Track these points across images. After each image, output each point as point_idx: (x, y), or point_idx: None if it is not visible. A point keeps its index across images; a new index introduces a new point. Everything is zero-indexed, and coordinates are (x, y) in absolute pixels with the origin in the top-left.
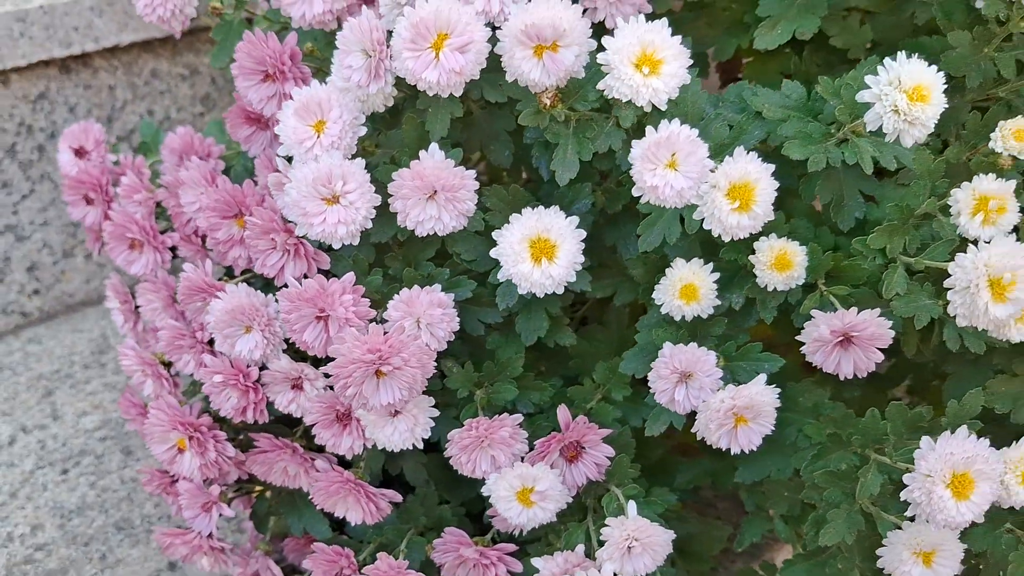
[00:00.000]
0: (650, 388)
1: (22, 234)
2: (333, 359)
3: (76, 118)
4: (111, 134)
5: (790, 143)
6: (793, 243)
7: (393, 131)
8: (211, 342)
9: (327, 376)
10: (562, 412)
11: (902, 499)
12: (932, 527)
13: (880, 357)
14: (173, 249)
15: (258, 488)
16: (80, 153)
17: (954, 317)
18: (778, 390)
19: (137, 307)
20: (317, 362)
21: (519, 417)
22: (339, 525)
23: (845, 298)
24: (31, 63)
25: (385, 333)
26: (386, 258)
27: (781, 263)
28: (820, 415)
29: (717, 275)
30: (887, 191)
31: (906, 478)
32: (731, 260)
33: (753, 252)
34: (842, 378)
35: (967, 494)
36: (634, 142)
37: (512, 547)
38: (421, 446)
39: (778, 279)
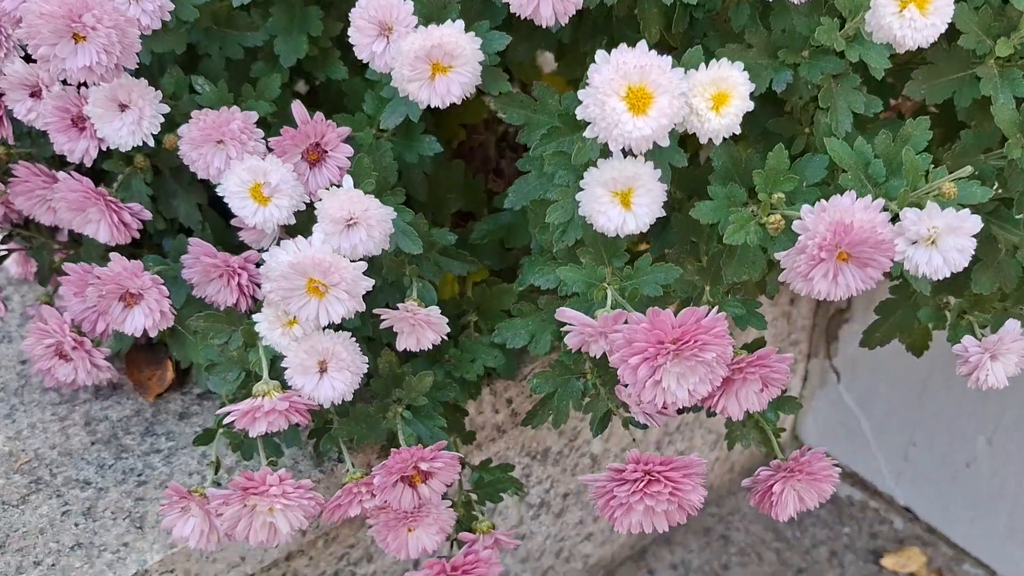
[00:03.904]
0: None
1: None
2: None
3: None
4: None
5: None
6: None
7: None
8: None
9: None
10: (297, 108)
11: (578, 118)
12: (612, 146)
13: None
14: None
15: (54, 247)
16: None
17: None
18: (479, 39)
19: None
20: None
21: (253, 114)
22: None
23: None
24: None
25: None
26: None
27: None
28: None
29: None
30: None
31: (581, 94)
32: None
33: None
34: (543, 24)
35: (645, 108)
36: None
37: (255, 255)
38: (152, 143)
39: None
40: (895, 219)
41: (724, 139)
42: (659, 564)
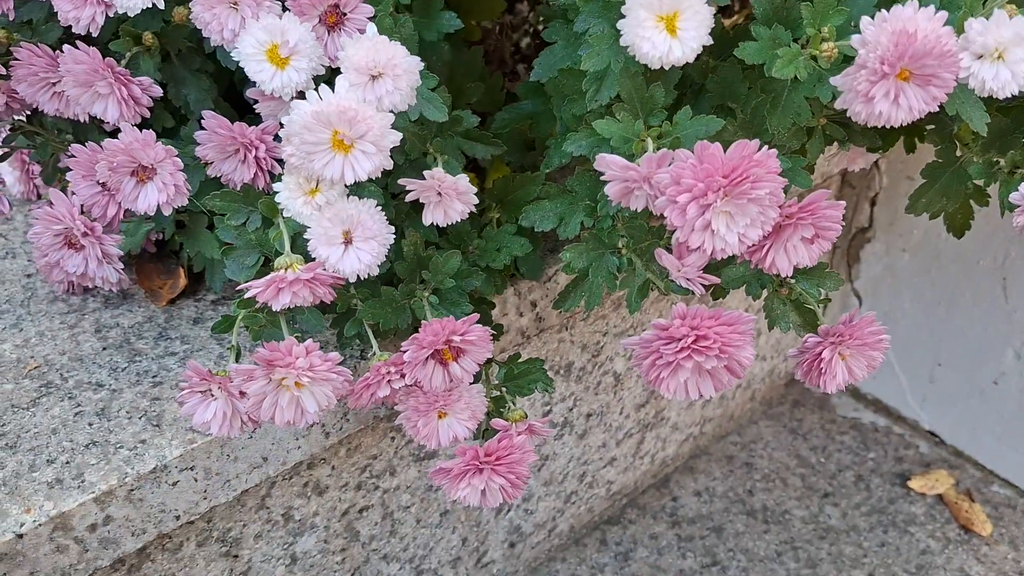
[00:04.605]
0: None
1: None
2: None
3: None
4: None
5: None
6: None
7: None
8: None
9: None
10: None
11: None
12: None
13: None
14: None
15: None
16: None
17: None
18: None
19: None
20: None
21: None
22: None
23: None
24: None
25: None
26: None
27: None
28: None
29: None
30: None
31: None
32: None
33: None
34: None
35: None
36: None
37: (273, 126)
38: (161, 4)
39: None
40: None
41: None
42: (683, 491)
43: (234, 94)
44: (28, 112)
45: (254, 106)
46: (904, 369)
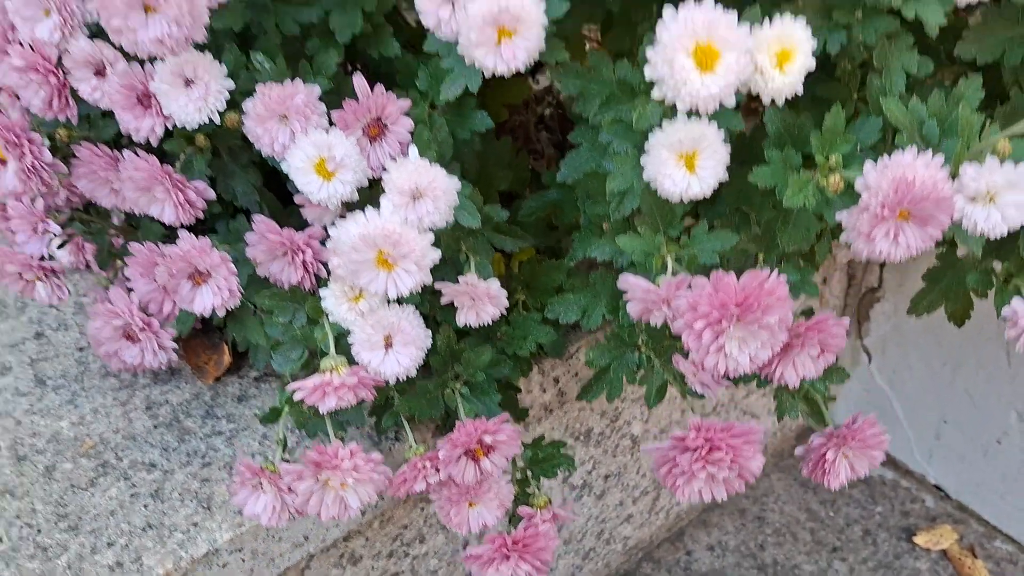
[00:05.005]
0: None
1: None
2: None
3: None
4: None
5: None
6: None
7: None
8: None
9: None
10: (358, 80)
11: (647, 79)
12: (679, 106)
13: None
14: None
15: (110, 231)
16: None
17: None
18: (543, 3)
19: None
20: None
21: (316, 88)
22: None
23: None
24: None
25: None
26: None
27: None
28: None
29: None
30: None
31: (648, 52)
32: None
33: None
34: None
35: (712, 66)
36: None
37: (319, 232)
38: (217, 119)
39: None
40: (953, 178)
41: (776, 104)
42: (696, 545)
43: (277, 179)
44: (84, 204)
45: (300, 209)
46: (911, 425)
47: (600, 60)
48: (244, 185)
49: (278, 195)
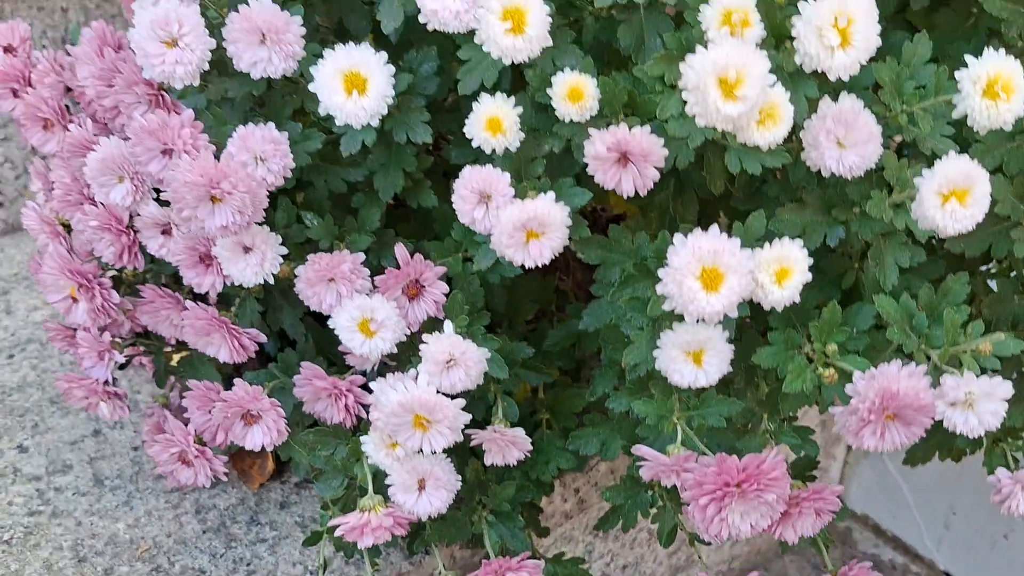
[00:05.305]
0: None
1: None
2: None
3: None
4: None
5: None
6: (584, 76)
7: None
8: None
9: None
10: (399, 250)
11: (658, 293)
12: (687, 319)
13: (655, 175)
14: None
15: (166, 349)
16: (8, 50)
17: (727, 137)
18: (567, 208)
19: (52, 183)
20: None
21: (360, 256)
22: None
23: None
24: None
25: None
26: (248, 114)
27: (574, 94)
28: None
29: (520, 108)
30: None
31: (660, 272)
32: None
33: None
34: (624, 195)
35: (717, 287)
36: None
37: (361, 379)
38: (272, 281)
39: (572, 110)
40: (937, 371)
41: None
42: None
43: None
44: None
45: (344, 358)
46: (922, 512)
47: (620, 233)
48: (292, 319)
49: (320, 319)
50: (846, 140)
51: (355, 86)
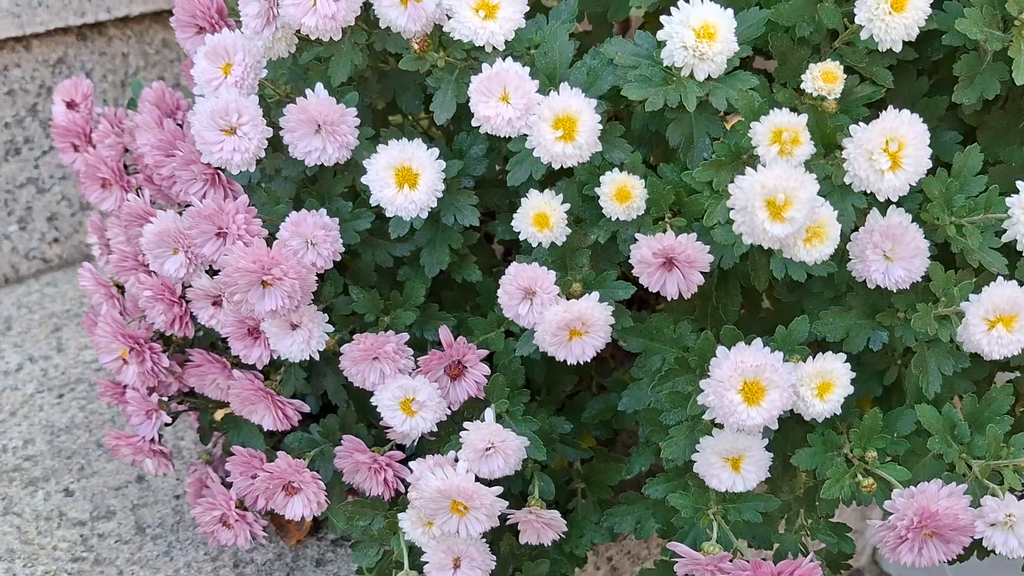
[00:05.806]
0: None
1: (43, 187)
2: None
3: (92, 82)
4: (124, 98)
5: (629, 85)
6: (633, 176)
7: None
8: None
9: None
10: (443, 332)
11: (699, 403)
12: (727, 430)
13: (700, 279)
14: (139, 189)
15: (214, 410)
16: (71, 105)
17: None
18: (611, 307)
19: (108, 240)
20: None
21: (404, 336)
22: (277, 446)
23: (684, 229)
24: (49, 30)
25: None
26: (301, 192)
27: (621, 195)
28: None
29: (568, 205)
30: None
31: (702, 383)
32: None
33: None
34: (669, 298)
35: (758, 400)
36: (472, 76)
37: (400, 455)
38: (317, 357)
39: (619, 209)
40: (978, 483)
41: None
42: None
43: None
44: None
45: (385, 432)
46: None
47: (661, 323)
48: (335, 385)
49: None
50: (893, 254)
51: (406, 180)
